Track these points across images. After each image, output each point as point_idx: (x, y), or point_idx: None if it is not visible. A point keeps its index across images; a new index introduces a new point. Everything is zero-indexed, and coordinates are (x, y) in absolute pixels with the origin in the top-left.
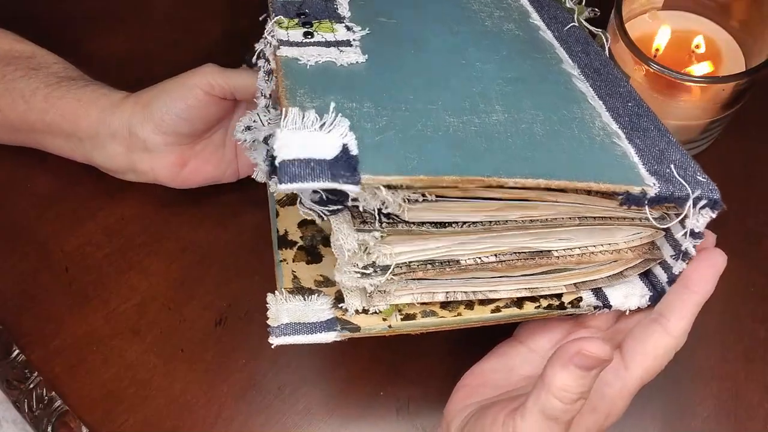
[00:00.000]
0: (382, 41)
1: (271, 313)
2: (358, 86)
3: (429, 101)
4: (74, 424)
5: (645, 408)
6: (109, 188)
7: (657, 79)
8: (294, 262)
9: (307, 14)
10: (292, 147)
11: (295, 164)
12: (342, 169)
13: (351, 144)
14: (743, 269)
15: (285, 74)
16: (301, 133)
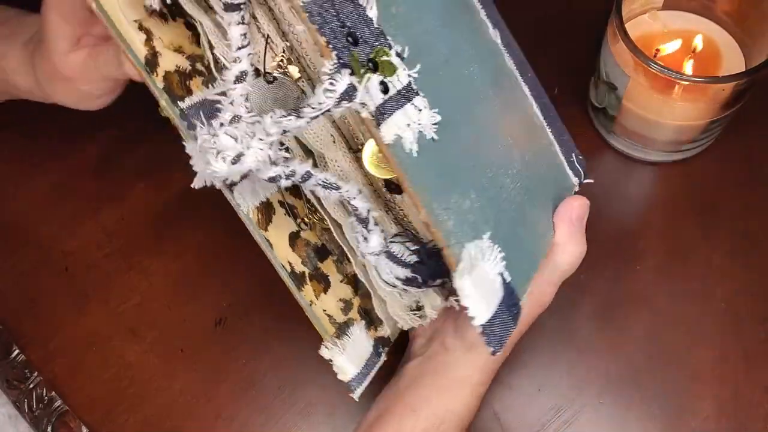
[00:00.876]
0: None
1: (338, 369)
2: (455, 170)
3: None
4: (74, 424)
5: (645, 408)
6: (109, 188)
7: (657, 79)
8: (318, 299)
9: (355, 35)
10: (481, 308)
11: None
12: (511, 301)
13: (504, 272)
14: (743, 269)
15: (409, 178)
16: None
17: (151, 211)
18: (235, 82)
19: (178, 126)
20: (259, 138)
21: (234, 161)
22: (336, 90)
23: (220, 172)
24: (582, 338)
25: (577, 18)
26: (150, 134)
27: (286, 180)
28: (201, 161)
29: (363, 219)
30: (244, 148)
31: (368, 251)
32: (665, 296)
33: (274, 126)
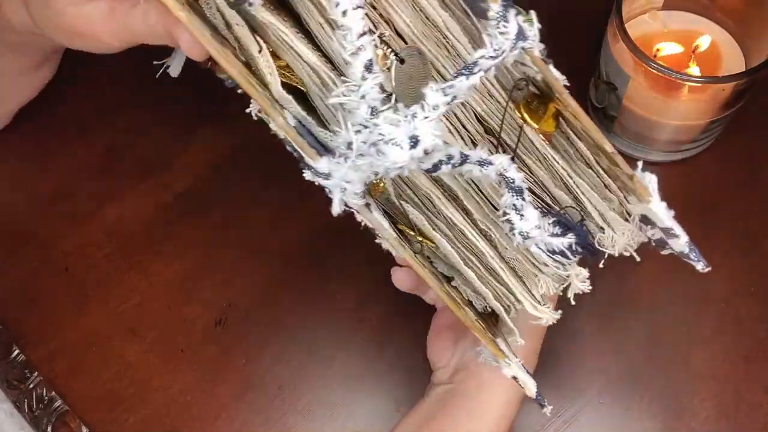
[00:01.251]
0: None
1: (524, 385)
2: None
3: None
4: (74, 424)
5: (645, 408)
6: (109, 188)
7: (657, 79)
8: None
9: None
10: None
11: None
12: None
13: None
14: (743, 269)
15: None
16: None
17: (151, 211)
18: (364, 75)
19: (299, 145)
20: (424, 116)
21: (412, 145)
22: (509, 31)
23: (401, 161)
24: (582, 338)
25: (577, 18)
26: (150, 134)
27: (447, 165)
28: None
29: (518, 190)
30: (413, 130)
31: (527, 228)
32: (665, 296)
33: (439, 96)
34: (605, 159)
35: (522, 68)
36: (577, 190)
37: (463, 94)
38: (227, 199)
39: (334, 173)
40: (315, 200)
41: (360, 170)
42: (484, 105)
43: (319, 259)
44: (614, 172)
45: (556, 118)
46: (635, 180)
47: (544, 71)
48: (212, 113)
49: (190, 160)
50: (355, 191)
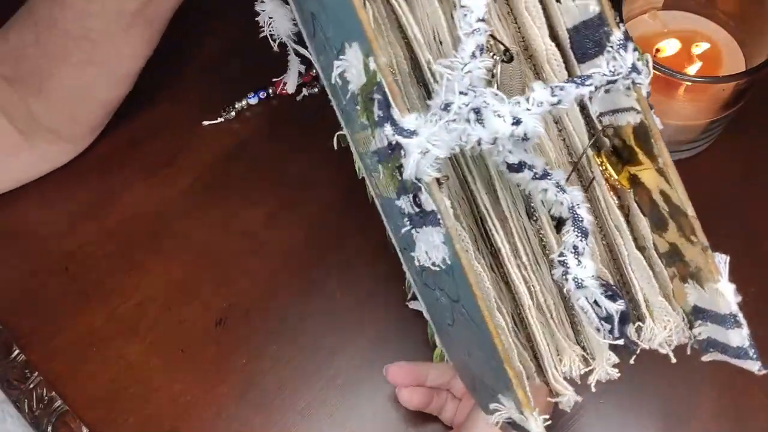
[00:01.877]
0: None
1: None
2: None
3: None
4: (74, 424)
5: (645, 408)
6: (109, 188)
7: (657, 79)
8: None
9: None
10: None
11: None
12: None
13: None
14: (743, 269)
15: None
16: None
17: (151, 211)
18: (474, 54)
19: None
20: (527, 108)
21: (514, 122)
22: (627, 59)
23: (501, 133)
24: None
25: None
26: (150, 134)
27: (529, 171)
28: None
29: (585, 232)
30: (518, 114)
31: (584, 275)
32: None
33: (546, 93)
34: (674, 230)
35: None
36: (627, 266)
37: (569, 102)
38: (227, 199)
39: (421, 131)
40: (315, 200)
41: (451, 134)
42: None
43: (319, 259)
44: (678, 249)
45: (630, 181)
46: (708, 254)
47: (645, 112)
48: (213, 112)
49: (190, 159)
50: (439, 155)
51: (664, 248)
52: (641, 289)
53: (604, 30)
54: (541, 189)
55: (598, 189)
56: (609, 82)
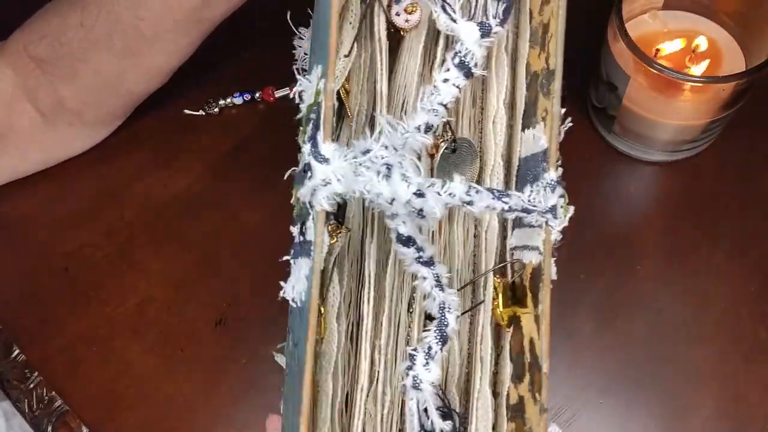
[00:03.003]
0: None
1: None
2: None
3: None
4: (74, 424)
5: (645, 408)
6: (109, 188)
7: (657, 79)
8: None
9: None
10: None
11: None
12: None
13: None
14: (743, 269)
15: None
16: None
17: (151, 211)
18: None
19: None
20: (437, 192)
21: (418, 194)
22: (548, 200)
23: (399, 196)
24: (582, 338)
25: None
26: (150, 134)
27: (416, 252)
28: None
29: (444, 338)
30: (423, 188)
31: (426, 378)
32: (665, 296)
33: (461, 189)
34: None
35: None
36: (474, 403)
37: (479, 207)
38: (227, 199)
39: (333, 162)
40: None
41: (357, 178)
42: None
43: None
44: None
45: (510, 319)
46: (543, 417)
47: (546, 256)
48: (213, 113)
49: (189, 159)
50: (336, 191)
51: (513, 400)
52: (477, 429)
53: (543, 166)
54: (421, 276)
55: (482, 314)
56: (524, 210)
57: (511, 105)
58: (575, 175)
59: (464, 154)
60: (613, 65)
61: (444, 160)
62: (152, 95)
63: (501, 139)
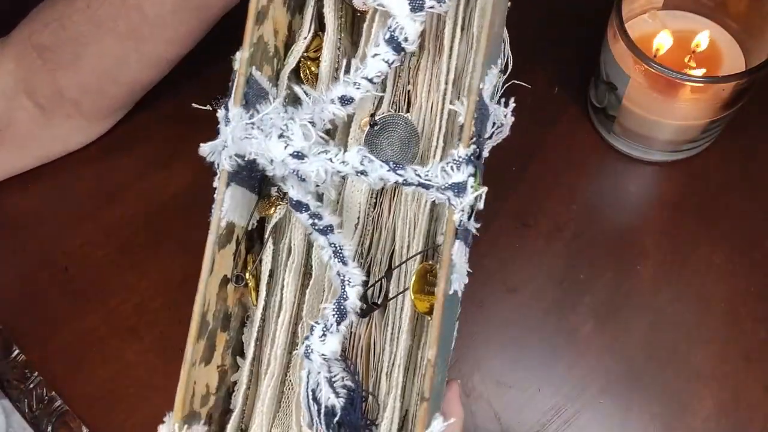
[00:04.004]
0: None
1: None
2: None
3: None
4: (74, 424)
5: (645, 408)
6: (109, 188)
7: (657, 79)
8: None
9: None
10: None
11: None
12: None
13: None
14: (743, 269)
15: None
16: None
17: (151, 211)
18: (334, 101)
19: (238, 84)
20: (330, 158)
21: (296, 155)
22: (452, 177)
23: (274, 155)
24: (582, 338)
25: (577, 18)
26: (150, 133)
27: (309, 219)
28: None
29: (342, 313)
30: (310, 153)
31: (319, 350)
32: (665, 296)
33: (357, 159)
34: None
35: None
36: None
37: (373, 177)
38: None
39: (232, 124)
40: None
41: (248, 141)
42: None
43: None
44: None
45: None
46: (423, 407)
47: (447, 236)
48: (213, 112)
49: (189, 159)
50: (229, 153)
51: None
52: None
53: (455, 142)
54: (318, 245)
55: (401, 301)
56: (420, 184)
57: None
58: (575, 175)
59: (399, 132)
60: (613, 65)
61: (376, 137)
62: (152, 96)
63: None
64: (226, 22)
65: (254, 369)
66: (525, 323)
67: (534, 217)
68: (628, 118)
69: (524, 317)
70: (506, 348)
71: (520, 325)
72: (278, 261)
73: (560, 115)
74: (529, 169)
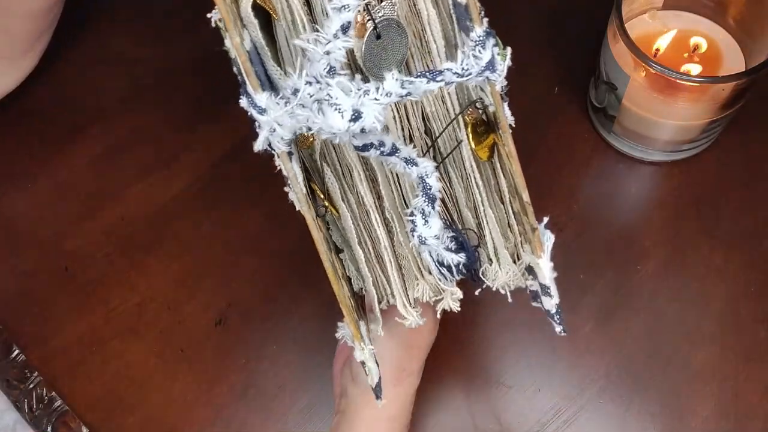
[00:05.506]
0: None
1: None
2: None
3: None
4: (74, 424)
5: (645, 408)
6: (109, 188)
7: (657, 79)
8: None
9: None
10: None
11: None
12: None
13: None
14: (743, 269)
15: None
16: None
17: (151, 211)
18: (337, 35)
19: (246, 70)
20: (375, 98)
21: (353, 117)
22: (483, 57)
23: (336, 128)
24: (582, 338)
25: (577, 18)
26: (150, 133)
27: (376, 150)
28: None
29: (432, 198)
30: (359, 105)
31: (427, 234)
32: (665, 296)
33: (396, 86)
34: (518, 204)
35: (481, 93)
36: (483, 218)
37: (418, 95)
38: (227, 199)
39: (270, 111)
40: None
41: (295, 119)
42: (434, 107)
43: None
44: (521, 219)
45: (491, 150)
46: (536, 234)
47: (497, 106)
48: (212, 113)
49: (189, 159)
50: (283, 136)
51: (516, 208)
52: (492, 239)
53: (467, 25)
54: (390, 163)
55: (465, 150)
56: (461, 78)
57: None
58: (575, 175)
59: (392, 35)
60: (613, 65)
61: (371, 43)
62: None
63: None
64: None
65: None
66: (525, 323)
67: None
68: (628, 118)
69: (524, 317)
70: (506, 348)
71: (520, 325)
72: (341, 180)
73: (560, 115)
74: (529, 169)
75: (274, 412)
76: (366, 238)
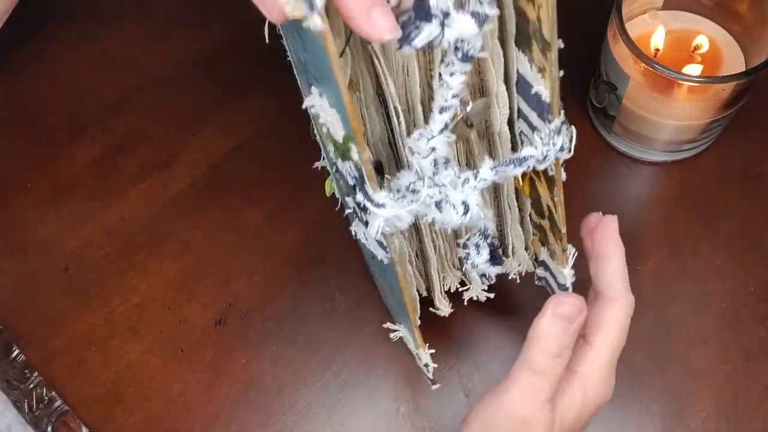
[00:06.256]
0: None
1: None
2: None
3: None
4: (74, 424)
5: (645, 408)
6: (109, 188)
7: (657, 79)
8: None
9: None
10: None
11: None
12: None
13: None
14: (743, 269)
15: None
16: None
17: (151, 211)
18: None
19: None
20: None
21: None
22: (558, 143)
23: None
24: None
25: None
26: (150, 133)
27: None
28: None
29: (487, 236)
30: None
31: (479, 261)
32: (665, 296)
33: (490, 174)
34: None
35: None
36: (508, 229)
37: (505, 178)
38: (227, 199)
39: (388, 207)
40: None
41: (410, 213)
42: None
43: (318, 259)
44: (546, 235)
45: (531, 185)
46: (566, 254)
47: (558, 174)
48: (212, 113)
49: (189, 159)
50: (399, 227)
51: (536, 221)
52: (512, 242)
53: (547, 117)
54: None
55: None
56: (539, 162)
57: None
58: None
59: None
60: (613, 65)
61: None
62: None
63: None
64: (226, 25)
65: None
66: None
67: None
68: (628, 118)
69: (524, 318)
70: (506, 348)
71: (520, 325)
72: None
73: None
74: None
75: (274, 412)
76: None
